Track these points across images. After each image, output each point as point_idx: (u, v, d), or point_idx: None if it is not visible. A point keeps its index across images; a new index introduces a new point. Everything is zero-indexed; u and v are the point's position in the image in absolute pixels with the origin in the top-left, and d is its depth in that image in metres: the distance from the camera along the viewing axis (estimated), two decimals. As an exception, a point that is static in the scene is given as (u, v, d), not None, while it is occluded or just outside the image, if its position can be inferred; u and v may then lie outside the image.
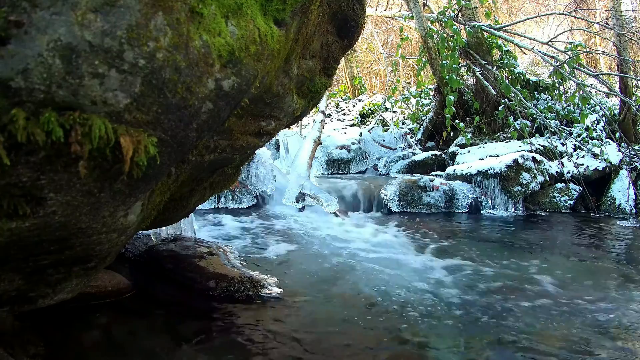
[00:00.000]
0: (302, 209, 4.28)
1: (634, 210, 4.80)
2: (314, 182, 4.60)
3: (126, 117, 0.81)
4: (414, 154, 6.60)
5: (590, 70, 6.63)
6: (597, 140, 5.64)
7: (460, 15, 6.59)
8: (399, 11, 8.16)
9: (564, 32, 9.30)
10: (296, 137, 6.47)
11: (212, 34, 0.89)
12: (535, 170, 4.91)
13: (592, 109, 6.14)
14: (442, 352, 1.68)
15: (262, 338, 1.71)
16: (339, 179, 5.41)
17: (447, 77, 5.86)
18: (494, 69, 6.43)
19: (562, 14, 7.49)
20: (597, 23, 7.74)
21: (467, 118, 6.71)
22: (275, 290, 2.15)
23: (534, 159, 4.98)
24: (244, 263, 2.54)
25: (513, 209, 4.75)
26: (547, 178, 5.03)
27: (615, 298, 2.32)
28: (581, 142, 5.65)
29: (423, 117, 7.42)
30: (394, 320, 1.92)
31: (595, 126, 6.06)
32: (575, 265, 2.93)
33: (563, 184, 5.09)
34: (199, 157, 1.32)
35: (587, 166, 5.28)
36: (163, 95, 0.84)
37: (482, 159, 5.30)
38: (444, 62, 6.03)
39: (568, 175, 5.15)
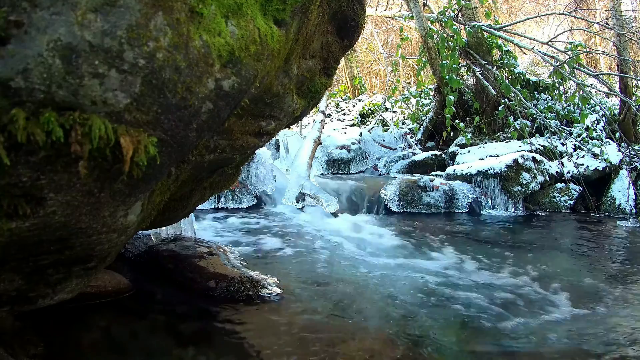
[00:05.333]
0: (302, 209, 4.27)
1: (634, 210, 4.80)
2: (314, 182, 4.59)
3: (126, 117, 0.81)
4: (414, 154, 6.60)
5: (590, 70, 6.63)
6: (597, 140, 5.63)
7: (460, 15, 6.59)
8: (399, 11, 8.16)
9: (564, 32, 9.31)
10: (296, 137, 6.46)
11: (212, 34, 0.89)
12: (535, 170, 4.91)
13: (592, 109, 6.13)
14: (441, 351, 1.68)
15: (262, 338, 1.71)
16: (339, 179, 5.41)
17: (447, 77, 5.86)
18: (494, 69, 6.43)
19: (562, 14, 7.49)
20: (597, 23, 7.74)
21: (467, 118, 6.71)
22: (275, 290, 2.15)
23: (534, 159, 4.98)
24: (244, 263, 2.54)
25: (513, 209, 4.75)
26: (547, 178, 5.03)
27: (616, 298, 2.32)
28: (581, 142, 5.64)
29: (423, 117, 7.42)
30: (394, 320, 1.92)
31: (595, 126, 6.06)
32: (575, 265, 2.93)
33: (563, 184, 5.08)
34: (199, 157, 1.32)
35: (587, 166, 5.28)
36: (163, 95, 0.84)
37: (482, 159, 5.30)
38: (444, 62, 6.03)
39: (568, 175, 5.14)
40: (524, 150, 5.22)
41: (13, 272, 1.01)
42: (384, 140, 7.68)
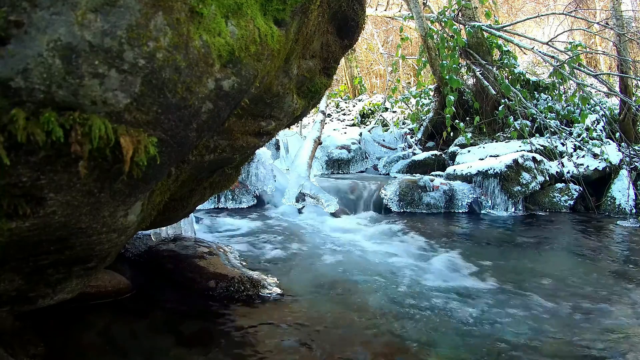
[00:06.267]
0: (302, 209, 4.28)
1: (634, 210, 4.80)
2: (314, 182, 4.59)
3: (126, 117, 0.81)
4: (414, 154, 6.60)
5: (590, 70, 6.62)
6: (597, 140, 5.63)
7: (460, 15, 6.59)
8: (399, 11, 8.16)
9: (564, 32, 9.31)
10: (296, 137, 6.47)
11: (212, 34, 0.89)
12: (535, 170, 4.91)
13: (592, 109, 6.13)
14: (441, 351, 1.68)
15: (262, 338, 1.71)
16: (339, 179, 5.41)
17: (447, 77, 5.85)
18: (494, 69, 6.43)
19: (562, 14, 7.48)
20: (597, 23, 7.73)
21: (467, 118, 6.71)
22: (275, 290, 2.15)
23: (534, 159, 4.98)
24: (244, 263, 2.54)
25: (513, 209, 4.75)
26: (547, 178, 5.03)
27: (616, 298, 2.32)
28: (581, 142, 5.64)
29: (423, 117, 7.42)
30: (394, 321, 1.92)
31: (595, 126, 6.06)
32: (575, 265, 2.93)
33: (563, 184, 5.08)
34: (199, 157, 1.32)
35: (587, 166, 5.28)
36: (163, 95, 0.84)
37: (482, 159, 5.30)
38: (444, 62, 6.03)
39: (568, 175, 5.14)
40: (524, 150, 5.22)
41: (13, 272, 1.01)
42: (384, 140, 7.68)
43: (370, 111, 9.62)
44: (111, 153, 0.82)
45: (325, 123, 6.83)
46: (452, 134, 6.50)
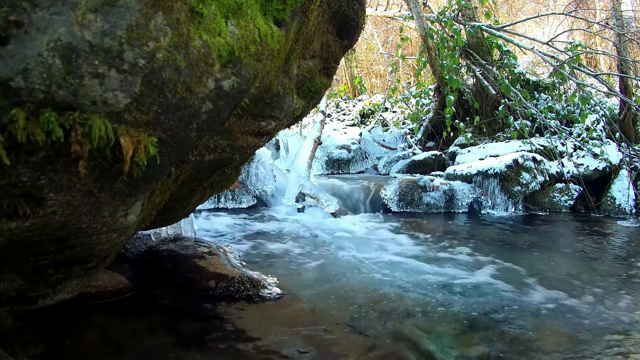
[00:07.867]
0: (302, 209, 4.28)
1: (634, 210, 4.80)
2: (314, 182, 4.59)
3: (126, 117, 0.81)
4: (414, 154, 6.60)
5: (590, 70, 6.62)
6: (597, 140, 5.63)
7: (460, 15, 6.59)
8: (399, 11, 8.16)
9: (564, 32, 9.31)
10: (296, 137, 6.46)
11: (212, 34, 0.89)
12: (535, 170, 4.91)
13: (592, 109, 6.13)
14: (441, 351, 1.68)
15: (262, 338, 1.71)
16: (339, 179, 5.41)
17: (447, 77, 5.85)
18: (494, 69, 6.43)
19: (562, 14, 7.49)
20: (597, 23, 7.73)
21: (467, 118, 6.71)
22: (275, 290, 2.15)
23: (534, 159, 4.98)
24: (244, 263, 2.54)
25: (513, 209, 4.75)
26: (547, 178, 5.03)
27: (616, 298, 2.32)
28: (581, 142, 5.64)
29: (423, 117, 7.42)
30: (394, 320, 1.92)
31: (595, 126, 6.06)
32: (575, 265, 2.93)
33: (563, 184, 5.08)
34: (199, 157, 1.32)
35: (587, 166, 5.28)
36: (163, 95, 0.84)
37: (482, 159, 5.30)
38: (444, 62, 6.03)
39: (568, 175, 5.14)
40: (524, 150, 5.22)
41: (13, 272, 1.01)
42: (384, 140, 7.68)
43: (370, 111, 9.62)
44: (111, 153, 0.82)
45: (325, 123, 6.83)
46: (452, 134, 6.50)
